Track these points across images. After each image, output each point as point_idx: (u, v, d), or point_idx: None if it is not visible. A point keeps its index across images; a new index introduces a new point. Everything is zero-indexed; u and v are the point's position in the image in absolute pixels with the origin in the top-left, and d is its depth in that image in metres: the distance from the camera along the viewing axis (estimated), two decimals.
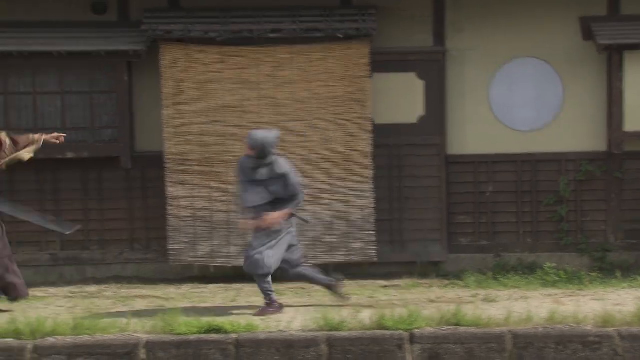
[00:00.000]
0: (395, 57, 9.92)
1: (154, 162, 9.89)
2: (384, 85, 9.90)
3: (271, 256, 7.96)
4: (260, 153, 7.98)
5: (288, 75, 9.68)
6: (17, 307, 8.30)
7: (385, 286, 9.44)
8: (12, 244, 9.52)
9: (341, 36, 9.52)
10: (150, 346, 7.00)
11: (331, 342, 7.02)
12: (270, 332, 7.15)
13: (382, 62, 9.79)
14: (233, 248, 9.77)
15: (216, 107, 9.70)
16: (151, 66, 9.78)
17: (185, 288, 9.52)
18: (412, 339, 7.04)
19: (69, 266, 10.07)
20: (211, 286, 9.56)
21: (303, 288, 9.31)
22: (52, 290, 9.54)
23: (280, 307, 8.01)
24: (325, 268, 9.70)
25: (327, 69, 9.68)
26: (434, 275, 9.84)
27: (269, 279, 8.04)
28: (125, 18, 9.95)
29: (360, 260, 9.80)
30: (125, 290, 9.39)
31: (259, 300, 8.61)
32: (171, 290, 9.38)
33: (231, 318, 7.55)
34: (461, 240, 10.15)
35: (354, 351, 6.99)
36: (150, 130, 9.96)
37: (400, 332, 7.08)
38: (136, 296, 9.03)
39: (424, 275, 9.92)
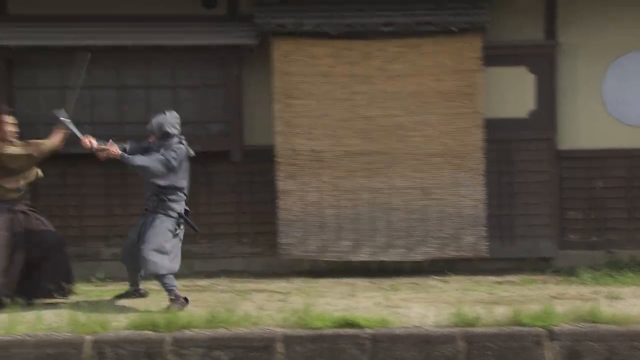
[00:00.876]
0: (506, 51, 9.82)
1: (262, 156, 9.88)
2: (494, 79, 9.81)
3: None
4: (160, 135, 8.15)
5: (399, 69, 9.63)
6: (143, 301, 8.35)
7: (499, 282, 9.35)
8: (123, 237, 9.64)
9: (455, 29, 9.44)
10: (287, 340, 7.00)
11: (469, 338, 6.97)
12: (405, 328, 7.10)
13: (493, 56, 9.69)
14: (344, 242, 9.75)
15: (326, 100, 9.68)
16: (259, 60, 9.79)
17: (297, 282, 9.50)
18: (551, 335, 6.96)
19: None
20: (322, 280, 9.53)
21: (417, 284, 9.28)
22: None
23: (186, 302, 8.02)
24: (435, 263, 9.72)
25: (439, 63, 9.62)
26: (547, 272, 9.74)
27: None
28: (234, 12, 9.95)
29: (471, 256, 9.73)
30: (239, 284, 9.39)
31: (378, 295, 8.62)
32: (284, 285, 9.37)
33: (362, 312, 7.53)
34: (571, 236, 10.04)
35: (491, 347, 6.94)
36: (258, 124, 9.97)
37: (538, 328, 7.01)
38: (252, 290, 9.02)
39: (534, 271, 9.82)
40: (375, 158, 9.71)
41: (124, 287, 8.76)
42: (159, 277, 8.04)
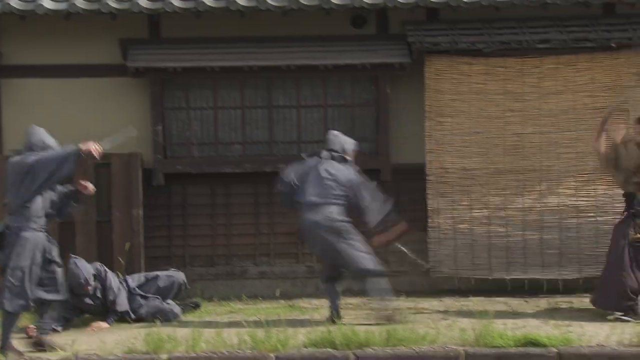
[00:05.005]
0: None
1: (410, 174, 9.87)
2: None
3: None
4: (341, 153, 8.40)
5: (553, 86, 9.59)
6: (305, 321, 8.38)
7: None
8: (270, 255, 9.74)
9: (614, 45, 9.34)
10: (470, 358, 6.94)
11: None
12: (591, 347, 6.99)
13: None
14: (494, 260, 9.67)
15: (478, 118, 9.65)
16: (407, 78, 9.80)
17: (448, 301, 9.44)
18: None
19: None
20: (474, 299, 9.45)
21: (573, 302, 9.16)
22: (314, 302, 9.57)
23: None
24: (587, 281, 9.56)
25: (594, 79, 9.55)
26: None
27: None
28: (383, 31, 9.99)
29: None
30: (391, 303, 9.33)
31: (539, 314, 8.50)
32: (436, 303, 9.33)
33: (535, 330, 7.44)
34: None
35: None
36: (406, 142, 9.97)
37: None
38: (408, 308, 8.97)
39: None
40: (527, 176, 9.63)
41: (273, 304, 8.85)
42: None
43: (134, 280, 8.70)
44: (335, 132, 8.53)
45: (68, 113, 9.79)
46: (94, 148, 7.36)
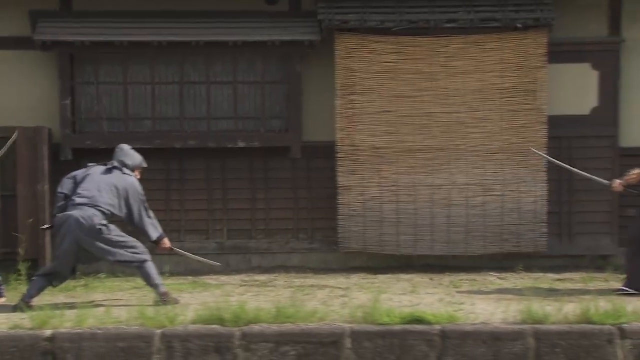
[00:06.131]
0: (569, 48, 9.78)
1: (320, 152, 9.91)
2: (557, 76, 9.75)
3: None
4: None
5: (461, 66, 9.62)
6: (205, 296, 8.39)
7: (559, 279, 9.29)
8: (181, 232, 9.73)
9: (520, 26, 9.39)
10: (355, 335, 6.97)
11: (538, 336, 6.90)
12: (474, 324, 7.07)
13: (556, 53, 9.65)
14: (402, 237, 9.75)
15: (389, 97, 9.68)
16: (319, 56, 9.80)
17: (355, 278, 9.50)
18: (622, 333, 6.89)
19: (235, 255, 10.14)
20: (380, 277, 9.52)
21: (476, 280, 9.26)
22: (222, 278, 9.61)
23: None
24: (492, 258, 9.70)
25: (502, 59, 9.59)
26: (606, 269, 9.65)
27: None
28: (296, 8, 9.97)
29: (530, 252, 9.69)
30: (298, 280, 9.41)
31: (439, 291, 8.59)
32: (342, 280, 9.37)
33: (426, 308, 7.50)
34: None
35: (562, 345, 6.86)
36: (316, 120, 9.99)
37: (609, 326, 6.93)
38: (312, 285, 9.03)
39: (593, 269, 9.76)
40: (436, 154, 9.69)
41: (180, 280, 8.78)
42: None
43: None
44: (125, 146, 8.25)
45: None
46: None
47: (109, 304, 7.88)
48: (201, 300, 8.14)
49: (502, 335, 6.93)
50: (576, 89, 9.83)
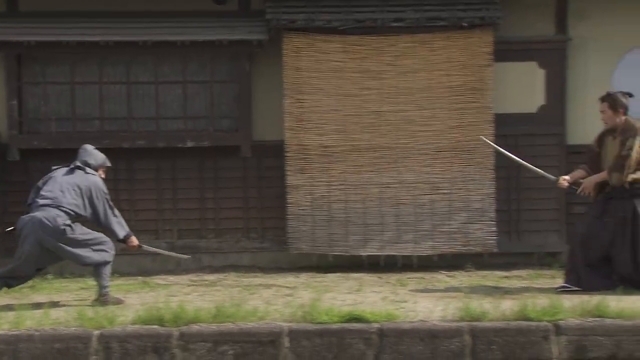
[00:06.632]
0: (516, 46, 9.83)
1: (270, 152, 9.92)
2: (504, 75, 9.81)
3: None
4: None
5: (409, 64, 9.66)
6: (152, 296, 8.39)
7: (507, 277, 9.35)
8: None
9: (466, 25, 9.45)
10: (293, 334, 6.99)
11: (475, 333, 6.95)
12: (412, 322, 7.10)
13: (503, 51, 9.71)
14: (352, 237, 9.77)
15: (336, 96, 9.71)
16: (268, 55, 9.81)
17: (304, 277, 9.52)
18: (558, 330, 6.94)
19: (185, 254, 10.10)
20: (330, 275, 9.54)
21: (424, 278, 9.30)
22: (171, 278, 9.62)
23: None
24: (443, 257, 9.75)
25: (449, 58, 9.64)
26: (554, 266, 9.71)
27: None
28: (245, 8, 9.98)
29: (479, 251, 9.74)
30: (246, 279, 9.42)
31: (385, 290, 8.63)
32: (291, 279, 9.39)
33: (368, 307, 7.53)
34: None
35: (498, 342, 6.91)
36: (266, 119, 10.00)
37: (545, 323, 6.99)
38: (259, 285, 9.05)
39: (541, 266, 9.83)
40: (384, 153, 9.72)
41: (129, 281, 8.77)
42: None
43: None
44: (88, 146, 8.27)
45: None
46: None
47: (51, 306, 7.85)
48: (146, 300, 8.13)
49: (439, 333, 6.97)
50: (523, 88, 9.89)
